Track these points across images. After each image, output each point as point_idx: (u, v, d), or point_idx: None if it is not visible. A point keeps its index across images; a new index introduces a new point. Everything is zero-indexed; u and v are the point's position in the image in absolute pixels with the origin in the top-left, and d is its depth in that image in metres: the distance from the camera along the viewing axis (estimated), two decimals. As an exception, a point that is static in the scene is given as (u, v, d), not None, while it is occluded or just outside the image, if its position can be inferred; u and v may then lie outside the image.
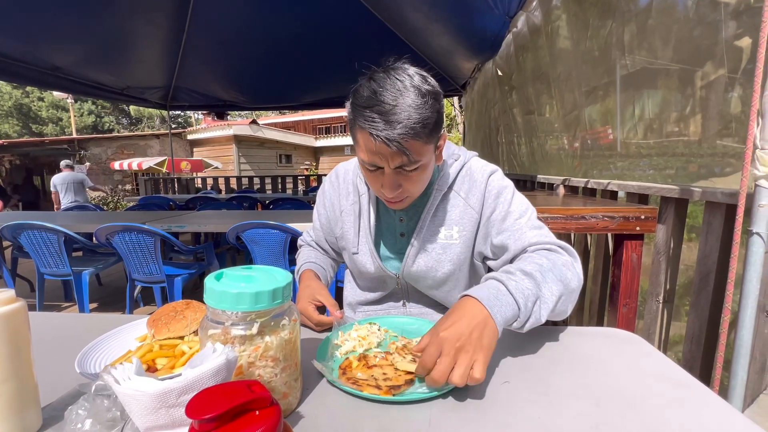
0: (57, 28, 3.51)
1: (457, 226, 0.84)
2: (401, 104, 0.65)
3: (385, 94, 0.66)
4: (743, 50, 1.10)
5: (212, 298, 0.47)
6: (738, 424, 0.49)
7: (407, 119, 0.65)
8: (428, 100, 0.68)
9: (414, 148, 0.68)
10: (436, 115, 0.69)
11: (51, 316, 0.88)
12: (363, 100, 0.68)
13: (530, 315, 0.63)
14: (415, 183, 0.75)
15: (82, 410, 0.45)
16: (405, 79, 0.68)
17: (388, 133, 0.65)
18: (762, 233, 0.96)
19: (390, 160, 0.69)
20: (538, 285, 0.65)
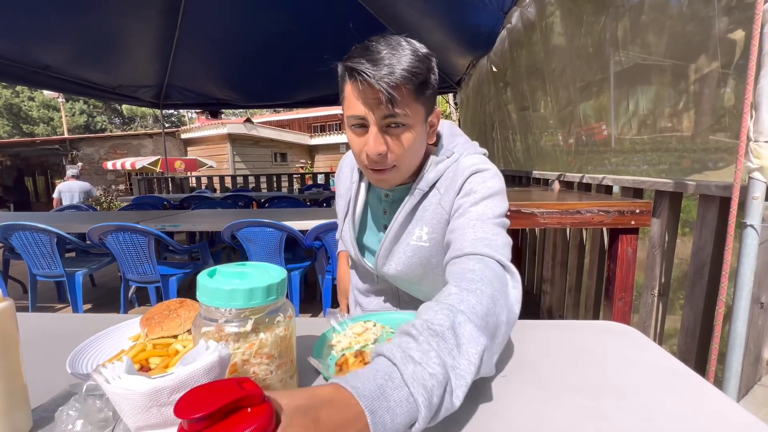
0: (46, 26, 3.46)
1: (427, 227, 0.77)
2: (392, 55, 0.64)
3: (376, 47, 0.65)
4: (736, 43, 1.10)
5: (205, 295, 0.46)
6: (733, 413, 0.49)
7: (396, 64, 0.63)
8: (419, 57, 0.66)
9: (401, 95, 0.64)
10: (426, 72, 0.67)
11: (42, 317, 0.86)
12: (354, 53, 0.66)
13: (439, 409, 0.41)
14: (400, 146, 0.69)
15: (73, 411, 0.44)
16: (402, 41, 0.67)
17: (375, 72, 0.62)
18: (756, 225, 0.96)
19: (375, 108, 0.65)
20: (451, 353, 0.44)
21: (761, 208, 0.96)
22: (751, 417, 0.48)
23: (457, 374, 0.43)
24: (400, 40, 0.67)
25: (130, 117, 25.31)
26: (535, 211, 1.44)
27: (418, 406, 0.39)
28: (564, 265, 2.36)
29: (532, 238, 3.10)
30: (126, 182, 13.00)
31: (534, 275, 3.01)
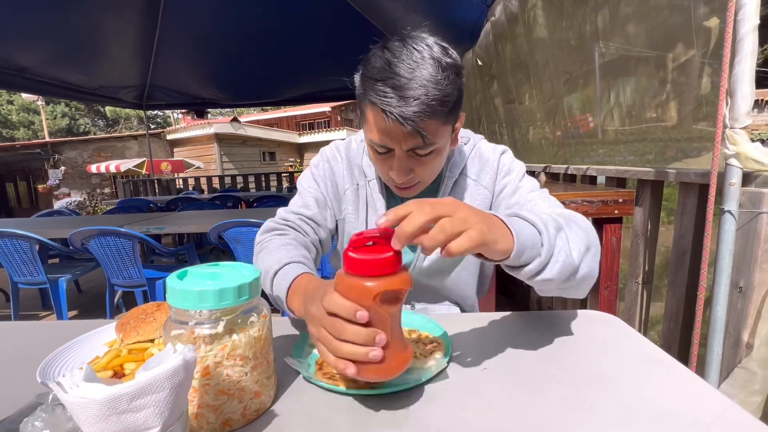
0: (20, 27, 3.36)
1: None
2: (418, 77, 0.58)
3: (400, 65, 0.59)
4: (711, 31, 1.12)
5: (174, 298, 0.45)
6: (710, 398, 0.50)
7: (425, 95, 0.58)
8: (449, 75, 0.60)
9: (430, 128, 0.61)
10: (457, 92, 0.62)
11: (17, 325, 0.84)
12: (375, 71, 0.61)
13: (554, 245, 0.51)
14: (428, 168, 0.68)
15: (39, 422, 0.43)
16: (423, 50, 0.60)
17: (403, 110, 0.58)
18: (733, 211, 0.98)
19: (403, 141, 0.62)
20: (560, 226, 0.54)
21: (738, 194, 0.98)
22: (728, 401, 0.49)
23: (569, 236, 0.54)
24: (423, 51, 0.60)
25: (114, 119, 24.82)
26: (520, 203, 1.44)
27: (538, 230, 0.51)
28: (552, 256, 2.39)
29: (520, 231, 3.13)
30: (111, 185, 12.76)
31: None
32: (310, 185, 0.84)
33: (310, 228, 0.80)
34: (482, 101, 3.59)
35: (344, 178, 0.83)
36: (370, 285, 0.43)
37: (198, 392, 0.45)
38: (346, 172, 0.83)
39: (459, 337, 0.68)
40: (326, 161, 0.84)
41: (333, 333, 0.45)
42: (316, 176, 0.84)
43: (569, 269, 0.52)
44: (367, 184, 0.80)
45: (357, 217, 0.82)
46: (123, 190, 7.15)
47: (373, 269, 0.43)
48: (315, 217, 0.80)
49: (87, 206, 11.45)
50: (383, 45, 0.63)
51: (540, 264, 0.50)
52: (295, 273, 0.64)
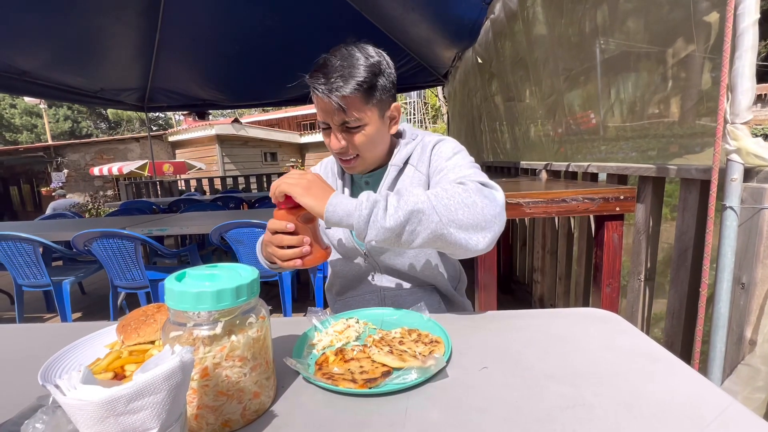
0: (21, 30, 3.37)
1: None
2: (341, 66, 0.75)
3: (332, 59, 0.77)
4: (711, 26, 1.11)
5: (172, 299, 0.45)
6: (711, 395, 0.49)
7: (342, 77, 0.74)
8: (369, 66, 0.76)
9: (351, 104, 0.76)
10: (373, 78, 0.76)
11: (20, 328, 0.84)
12: (316, 66, 0.78)
13: (369, 217, 0.63)
14: (358, 142, 0.81)
15: (40, 424, 0.43)
16: (354, 50, 0.77)
17: (326, 87, 0.74)
18: (735, 207, 0.97)
19: (333, 116, 0.78)
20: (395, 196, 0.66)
21: (740, 190, 0.97)
22: (728, 398, 0.49)
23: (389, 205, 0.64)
24: (354, 50, 0.77)
25: (116, 121, 24.91)
26: (521, 201, 1.44)
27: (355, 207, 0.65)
28: (554, 254, 2.38)
29: (521, 228, 3.12)
30: (114, 188, 12.81)
31: (525, 265, 3.03)
32: None
33: None
34: (482, 99, 3.58)
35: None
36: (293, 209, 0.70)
37: (197, 393, 0.45)
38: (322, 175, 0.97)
39: (459, 335, 0.68)
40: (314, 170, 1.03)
41: (276, 243, 0.71)
42: None
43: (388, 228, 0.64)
44: (335, 181, 0.96)
45: None
46: (125, 192, 7.18)
47: (292, 204, 0.69)
48: None
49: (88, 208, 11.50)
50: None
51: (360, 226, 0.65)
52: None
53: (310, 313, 0.73)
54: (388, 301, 0.95)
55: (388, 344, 0.62)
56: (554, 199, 1.44)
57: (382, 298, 0.95)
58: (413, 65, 4.74)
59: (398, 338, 0.65)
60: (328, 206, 0.65)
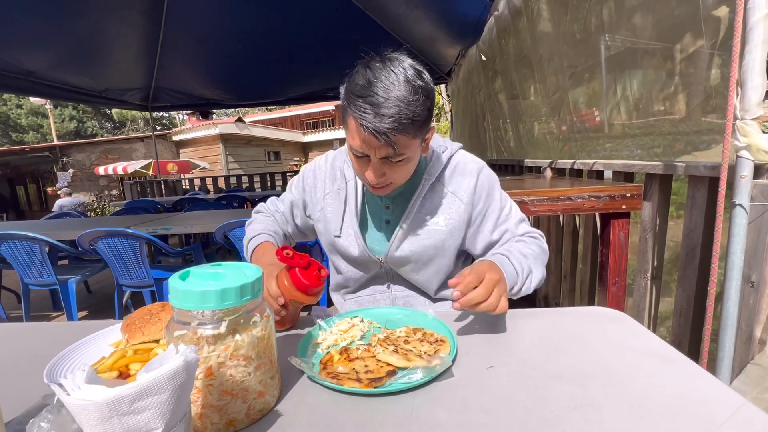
0: (26, 31, 3.39)
1: (444, 215, 0.86)
2: (392, 98, 0.67)
3: (378, 85, 0.68)
4: (721, 20, 1.09)
5: (176, 298, 0.44)
6: (722, 395, 0.48)
7: (397, 114, 0.67)
8: (420, 97, 0.69)
9: (401, 141, 0.70)
10: (426, 112, 0.71)
11: (26, 327, 0.85)
12: (357, 88, 0.69)
13: (523, 285, 0.76)
14: (398, 172, 0.77)
15: (45, 423, 0.43)
16: (399, 73, 0.69)
17: (377, 125, 0.67)
18: (744, 204, 0.96)
19: (377, 150, 0.71)
20: (530, 265, 0.78)
21: (749, 187, 0.95)
22: (740, 399, 0.48)
23: (533, 276, 0.79)
24: (399, 74, 0.69)
25: (120, 121, 25.06)
26: (525, 199, 1.43)
27: (517, 275, 0.75)
28: (559, 252, 2.36)
29: (526, 227, 3.10)
30: (119, 187, 12.90)
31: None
32: (291, 190, 1.01)
33: (282, 218, 1.00)
34: (486, 97, 3.56)
35: (325, 183, 0.94)
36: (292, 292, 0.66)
37: (201, 393, 0.45)
38: (328, 179, 0.94)
39: (465, 335, 0.68)
40: (312, 171, 0.97)
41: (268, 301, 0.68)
42: (298, 184, 1.00)
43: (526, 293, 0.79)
44: (346, 185, 0.91)
45: (336, 216, 0.91)
46: (130, 191, 7.22)
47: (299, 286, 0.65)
48: (285, 213, 1.00)
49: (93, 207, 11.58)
50: (366, 64, 0.72)
51: (516, 292, 0.77)
52: (259, 241, 0.88)
53: (315, 312, 0.73)
54: (399, 301, 0.94)
55: (393, 343, 0.62)
56: (559, 197, 1.43)
57: (393, 299, 0.95)
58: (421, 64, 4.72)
59: (403, 337, 0.65)
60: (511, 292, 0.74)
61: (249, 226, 0.96)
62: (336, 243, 0.91)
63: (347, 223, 0.89)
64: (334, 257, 0.97)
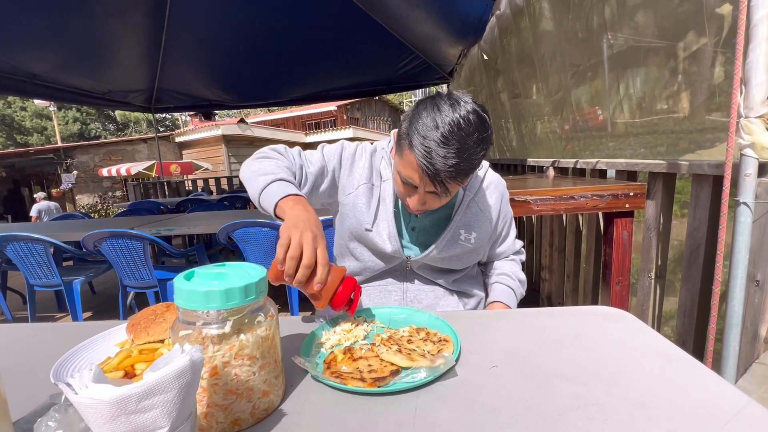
0: (30, 34, 3.41)
1: (475, 233, 0.91)
2: (456, 148, 0.69)
3: (444, 131, 0.69)
4: (724, 18, 1.08)
5: (181, 298, 0.45)
6: (727, 394, 0.48)
7: (457, 165, 0.69)
8: (480, 150, 0.71)
9: (453, 187, 0.74)
10: (482, 160, 0.75)
11: (31, 328, 0.86)
12: (423, 127, 0.70)
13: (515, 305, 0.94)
14: (439, 203, 0.81)
15: (53, 422, 0.43)
16: (465, 122, 0.69)
17: (437, 171, 0.70)
18: (749, 203, 0.95)
19: (426, 186, 0.75)
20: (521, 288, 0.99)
21: (754, 185, 0.95)
22: (745, 398, 0.47)
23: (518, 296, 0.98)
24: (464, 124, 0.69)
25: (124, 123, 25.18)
26: (528, 199, 1.43)
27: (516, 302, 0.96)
28: (562, 252, 2.36)
29: (529, 226, 3.10)
30: (122, 188, 12.96)
31: (532, 263, 3.01)
32: (324, 156, 0.94)
33: (301, 176, 0.89)
34: (488, 96, 3.56)
35: (362, 173, 0.93)
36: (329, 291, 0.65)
37: (207, 392, 0.45)
38: (365, 170, 0.93)
39: (468, 334, 0.68)
40: (353, 152, 0.95)
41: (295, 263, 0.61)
42: (337, 154, 0.95)
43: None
44: (381, 184, 0.92)
45: (368, 209, 0.91)
46: (134, 192, 7.26)
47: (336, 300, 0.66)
48: (308, 174, 0.90)
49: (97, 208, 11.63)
50: (434, 101, 0.73)
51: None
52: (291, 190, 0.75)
53: (319, 312, 0.73)
54: (409, 294, 0.94)
55: (396, 343, 0.62)
56: (562, 196, 1.42)
57: (404, 290, 0.95)
58: (418, 63, 4.72)
59: (407, 337, 0.65)
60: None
61: (267, 162, 0.84)
62: (365, 235, 0.91)
63: (381, 221, 0.91)
64: (355, 245, 0.95)
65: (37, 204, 7.58)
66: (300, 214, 0.67)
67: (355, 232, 0.93)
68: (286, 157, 0.89)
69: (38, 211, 7.42)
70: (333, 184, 0.94)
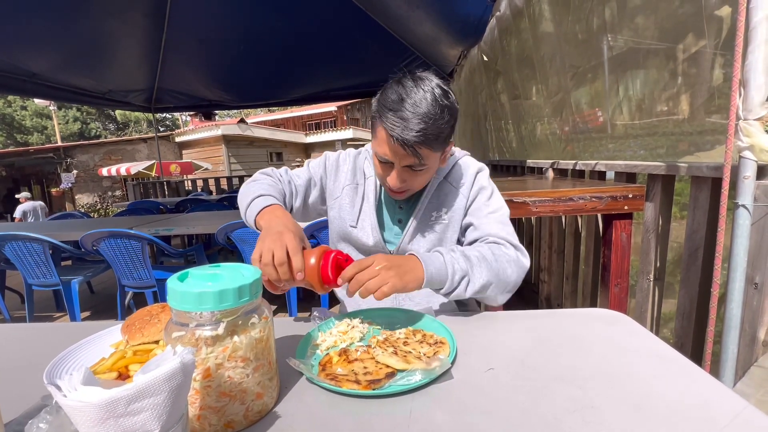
0: (30, 33, 3.41)
1: (445, 208, 0.93)
2: (420, 114, 0.74)
3: (408, 101, 0.75)
4: (723, 20, 1.08)
5: (174, 299, 0.44)
6: (723, 397, 0.48)
7: (423, 128, 0.74)
8: (444, 115, 0.76)
9: (424, 153, 0.77)
10: (449, 128, 0.79)
11: (29, 328, 0.85)
12: (389, 102, 0.76)
13: (455, 287, 0.75)
14: (418, 180, 0.84)
15: (44, 424, 0.43)
16: (428, 91, 0.76)
17: (405, 137, 0.74)
18: (748, 205, 0.95)
19: (402, 158, 0.78)
20: (471, 267, 0.76)
21: (753, 188, 0.95)
22: (742, 402, 0.47)
23: (471, 280, 0.76)
24: (427, 93, 0.75)
25: (124, 122, 25.18)
26: (527, 200, 1.42)
27: (448, 275, 0.74)
28: (561, 253, 2.35)
29: (528, 227, 3.09)
30: (122, 188, 12.96)
31: (531, 264, 3.00)
32: (310, 169, 1.02)
33: (291, 191, 0.97)
34: (488, 97, 3.55)
35: (346, 176, 0.99)
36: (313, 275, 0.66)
37: (200, 394, 0.45)
38: (349, 173, 0.99)
39: (464, 336, 0.67)
40: (336, 159, 1.02)
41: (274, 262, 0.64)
42: (322, 163, 1.02)
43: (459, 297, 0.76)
44: (365, 182, 0.96)
45: (352, 208, 0.96)
46: (133, 192, 7.25)
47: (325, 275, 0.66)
48: (298, 188, 0.98)
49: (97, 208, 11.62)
50: (398, 81, 0.79)
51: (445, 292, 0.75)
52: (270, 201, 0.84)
53: (314, 314, 0.73)
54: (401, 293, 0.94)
55: (392, 345, 0.62)
56: (561, 197, 1.42)
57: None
58: (418, 64, 4.73)
59: (402, 339, 0.65)
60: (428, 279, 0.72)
61: (253, 184, 0.92)
62: (351, 233, 0.95)
63: (364, 216, 0.95)
64: (343, 246, 1.00)
65: (21, 205, 7.08)
66: (269, 223, 0.75)
67: (341, 232, 0.98)
68: (272, 176, 0.97)
69: (22, 213, 6.96)
70: (322, 192, 1.01)
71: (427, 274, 0.71)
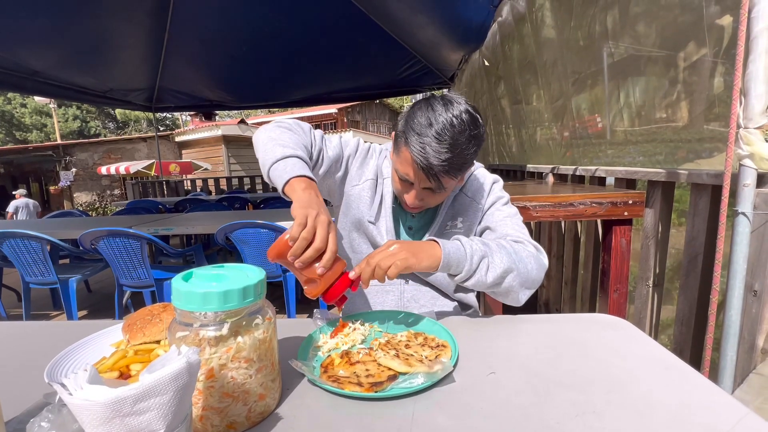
0: (32, 31, 3.41)
1: (461, 217, 0.93)
2: (448, 144, 0.72)
3: (436, 126, 0.73)
4: (724, 29, 1.09)
5: (179, 299, 0.44)
6: (724, 403, 0.48)
7: (449, 159, 0.72)
8: (471, 146, 0.75)
9: (446, 181, 0.77)
10: (474, 157, 0.78)
11: (25, 326, 0.85)
12: (416, 125, 0.74)
13: (475, 270, 0.72)
14: (435, 200, 0.84)
15: (46, 422, 0.43)
16: (457, 117, 0.73)
17: (431, 166, 0.73)
18: (747, 213, 0.95)
19: (423, 181, 0.77)
20: (490, 252, 0.75)
21: (752, 195, 0.95)
22: (743, 408, 0.47)
23: (491, 263, 0.73)
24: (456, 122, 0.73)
25: (124, 121, 25.15)
26: (527, 205, 1.43)
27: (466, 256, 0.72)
28: (560, 258, 2.36)
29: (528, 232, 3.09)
30: (121, 187, 12.92)
31: (531, 269, 3.00)
32: (345, 143, 0.97)
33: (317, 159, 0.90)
34: (489, 102, 3.57)
35: (372, 169, 0.97)
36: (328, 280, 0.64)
37: (202, 394, 0.45)
38: (374, 167, 0.98)
39: (466, 340, 0.67)
40: (368, 148, 1.00)
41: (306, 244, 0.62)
42: (354, 144, 0.98)
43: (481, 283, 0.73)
44: (383, 181, 0.95)
45: (372, 204, 0.94)
46: (132, 191, 7.23)
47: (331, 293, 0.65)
48: (325, 159, 0.91)
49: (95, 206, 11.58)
50: (429, 102, 0.77)
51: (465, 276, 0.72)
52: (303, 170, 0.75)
53: (316, 315, 0.73)
54: (406, 295, 0.94)
55: (394, 348, 0.62)
56: (561, 202, 1.43)
57: (401, 291, 0.95)
58: (419, 68, 4.75)
59: (404, 342, 0.65)
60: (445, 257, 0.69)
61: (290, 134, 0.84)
62: (368, 227, 0.93)
63: (382, 216, 0.94)
64: (355, 236, 0.97)
65: (14, 201, 7.39)
66: (313, 198, 0.69)
67: (358, 223, 0.95)
68: (308, 135, 0.89)
69: (15, 208, 7.29)
70: (345, 173, 0.96)
71: (444, 252, 0.69)
